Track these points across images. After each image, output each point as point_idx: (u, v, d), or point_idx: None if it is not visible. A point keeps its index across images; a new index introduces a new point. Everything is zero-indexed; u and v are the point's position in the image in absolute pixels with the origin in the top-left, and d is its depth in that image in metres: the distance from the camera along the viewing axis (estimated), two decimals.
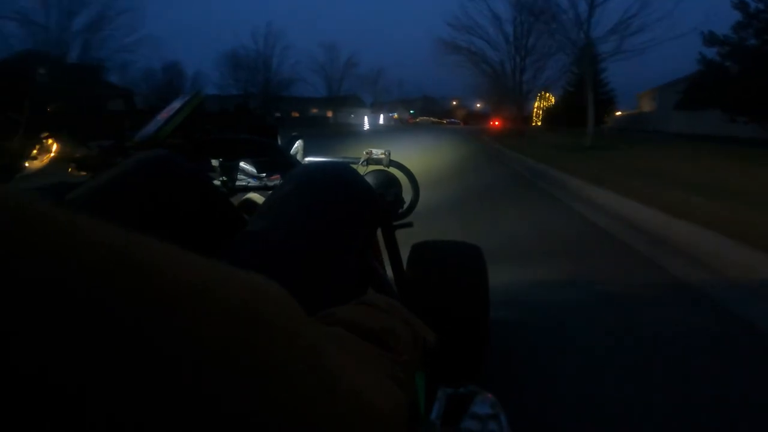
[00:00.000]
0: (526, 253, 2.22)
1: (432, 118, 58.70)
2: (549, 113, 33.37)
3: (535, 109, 49.33)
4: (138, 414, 0.12)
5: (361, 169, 1.08)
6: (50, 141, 0.74)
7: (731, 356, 1.22)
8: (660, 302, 1.61)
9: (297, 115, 34.99)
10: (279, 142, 1.14)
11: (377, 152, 1.11)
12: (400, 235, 0.92)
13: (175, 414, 0.13)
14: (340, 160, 1.11)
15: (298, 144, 1.19)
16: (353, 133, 20.48)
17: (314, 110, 39.41)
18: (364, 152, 1.11)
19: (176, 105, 0.91)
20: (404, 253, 0.92)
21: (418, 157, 7.03)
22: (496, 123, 40.33)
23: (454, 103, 69.79)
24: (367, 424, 0.21)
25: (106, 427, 0.12)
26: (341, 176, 0.59)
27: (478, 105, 64.42)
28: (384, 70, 57.31)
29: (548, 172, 5.67)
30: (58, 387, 0.11)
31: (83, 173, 0.81)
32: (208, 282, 0.15)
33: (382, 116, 50.56)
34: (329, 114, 40.44)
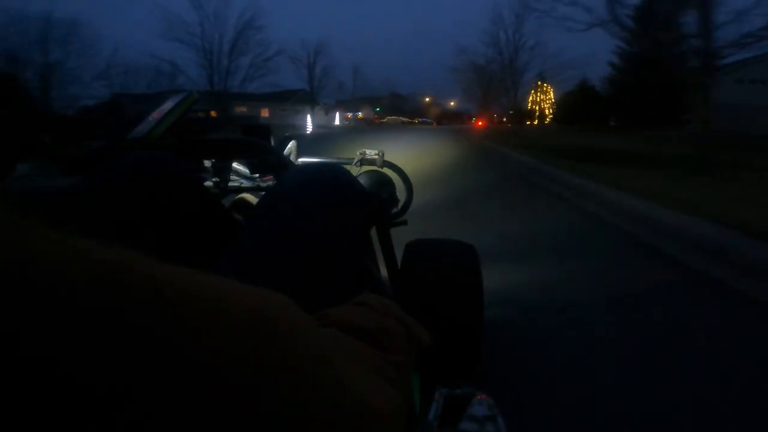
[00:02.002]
0: None
1: (402, 118, 49.42)
2: (566, 107, 22.97)
3: (530, 104, 39.50)
4: (149, 415, 0.13)
5: (355, 170, 1.08)
6: (42, 141, 0.73)
7: None
8: None
9: (214, 114, 23.22)
10: (272, 142, 1.14)
11: (371, 153, 1.11)
12: (394, 233, 0.92)
13: (186, 416, 0.13)
14: (334, 161, 1.11)
15: (291, 144, 1.18)
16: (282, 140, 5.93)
17: (240, 108, 28.14)
18: (358, 153, 1.11)
19: (168, 105, 0.91)
20: (398, 251, 0.92)
21: None
22: (480, 123, 33.90)
23: (427, 99, 61.42)
24: (368, 425, 0.21)
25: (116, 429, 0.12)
26: (335, 177, 0.59)
27: (452, 103, 58.70)
28: (327, 52, 41.39)
29: None
30: (70, 389, 0.12)
31: (74, 174, 0.80)
32: (217, 292, 0.16)
33: (337, 115, 38.19)
34: (264, 113, 29.98)
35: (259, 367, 0.15)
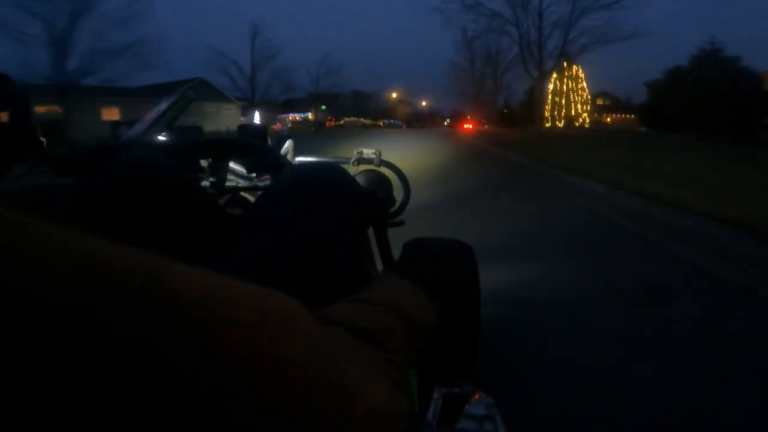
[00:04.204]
0: None
1: (363, 119, 42.65)
2: (662, 105, 13.64)
3: (550, 95, 26.89)
4: (154, 418, 0.13)
5: (352, 169, 1.08)
6: (37, 142, 0.73)
7: None
8: None
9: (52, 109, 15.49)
10: (269, 142, 1.14)
11: (368, 152, 1.11)
12: (390, 233, 0.92)
13: (185, 415, 0.13)
14: (331, 160, 1.11)
15: (288, 144, 1.18)
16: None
17: (47, 108, 15.68)
18: (355, 152, 1.11)
19: (163, 106, 0.90)
20: (395, 252, 0.92)
21: None
22: (469, 125, 28.31)
23: (394, 95, 52.68)
24: (369, 425, 0.21)
25: None
26: (333, 176, 0.59)
27: (424, 103, 52.31)
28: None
29: None
30: (63, 391, 0.12)
31: (70, 174, 0.80)
32: (220, 291, 0.16)
33: (256, 116, 24.04)
34: (146, 112, 7.48)
35: (260, 366, 0.15)
